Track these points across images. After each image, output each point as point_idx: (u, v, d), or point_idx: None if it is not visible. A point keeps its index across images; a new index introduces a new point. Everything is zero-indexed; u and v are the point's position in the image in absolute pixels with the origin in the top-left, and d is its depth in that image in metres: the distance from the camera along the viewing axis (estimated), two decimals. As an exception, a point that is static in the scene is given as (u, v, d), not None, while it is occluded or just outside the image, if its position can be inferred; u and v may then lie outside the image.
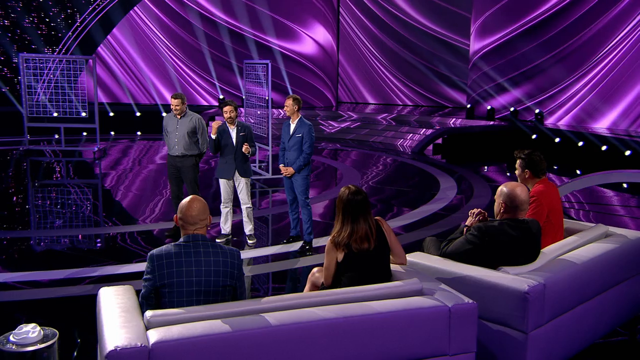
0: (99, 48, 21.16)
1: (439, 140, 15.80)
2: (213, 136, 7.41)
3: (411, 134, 16.94)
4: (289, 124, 7.39)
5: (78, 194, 10.88)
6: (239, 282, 3.68)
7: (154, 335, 3.14)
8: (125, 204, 10.10)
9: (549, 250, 4.50)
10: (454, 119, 18.05)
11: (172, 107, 7.76)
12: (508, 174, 13.85)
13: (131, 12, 21.40)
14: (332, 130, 18.62)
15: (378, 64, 24.31)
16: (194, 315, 3.34)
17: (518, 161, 5.17)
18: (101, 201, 10.38)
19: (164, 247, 3.59)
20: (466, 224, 4.53)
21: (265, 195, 10.77)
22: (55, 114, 15.40)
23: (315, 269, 4.43)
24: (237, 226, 8.01)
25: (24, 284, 6.21)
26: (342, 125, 18.80)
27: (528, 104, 17.75)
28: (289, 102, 7.37)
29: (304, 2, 22.29)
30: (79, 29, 20.59)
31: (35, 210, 9.56)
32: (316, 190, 10.88)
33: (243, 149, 7.38)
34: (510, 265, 4.20)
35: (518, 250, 4.23)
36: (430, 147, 15.77)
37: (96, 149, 14.31)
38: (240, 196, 7.66)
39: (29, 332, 3.43)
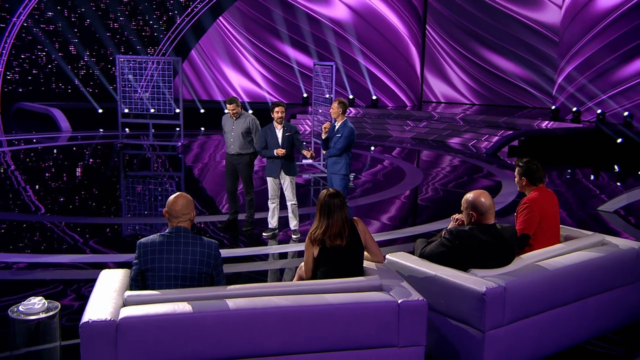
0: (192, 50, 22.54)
1: (515, 142, 15.56)
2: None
3: (488, 135, 16.81)
4: (335, 125, 7.82)
5: (160, 185, 11.84)
6: (215, 271, 4.15)
7: (124, 312, 3.67)
8: (197, 195, 10.98)
9: (528, 256, 4.67)
10: (537, 121, 17.72)
11: (228, 111, 8.34)
12: (592, 177, 13.48)
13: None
14: (407, 129, 18.79)
15: (457, 61, 24.09)
16: (166, 297, 3.85)
17: (516, 169, 5.34)
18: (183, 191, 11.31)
19: (150, 236, 4.12)
20: (447, 228, 4.77)
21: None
22: (152, 110, 16.59)
23: (302, 263, 4.83)
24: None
25: (117, 265, 6.97)
26: (417, 125, 18.90)
27: (616, 107, 17.15)
28: (334, 105, 7.81)
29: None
30: (176, 32, 21.94)
31: (125, 199, 10.61)
32: (377, 190, 11.22)
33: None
34: (482, 268, 4.41)
35: (488, 254, 4.44)
36: (506, 149, 15.57)
37: (180, 144, 15.35)
38: (285, 193, 8.09)
39: (35, 304, 4.07)
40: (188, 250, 4.05)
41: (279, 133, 7.95)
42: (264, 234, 8.19)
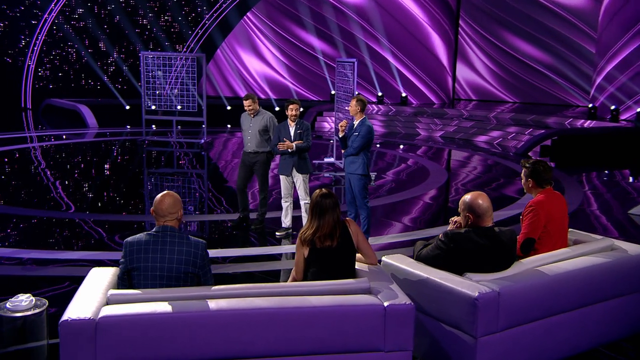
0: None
1: (548, 142, 15.16)
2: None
3: (515, 134, 16.47)
4: (353, 123, 7.66)
5: (182, 182, 11.88)
6: (202, 271, 4.08)
7: (104, 311, 3.63)
8: (221, 192, 11.04)
9: (529, 260, 4.51)
10: (569, 120, 17.30)
11: (245, 107, 8.27)
12: (631, 179, 13.08)
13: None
14: (437, 128, 18.54)
15: (490, 56, 23.58)
16: (149, 296, 3.79)
17: (523, 170, 5.16)
18: (206, 189, 11.34)
19: (137, 235, 4.07)
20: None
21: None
22: (179, 107, 16.66)
23: (296, 264, 4.74)
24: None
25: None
26: (449, 124, 18.63)
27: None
28: (352, 103, 7.63)
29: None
30: (203, 29, 22.05)
31: (148, 196, 10.67)
32: (399, 190, 11.09)
33: (280, 146, 7.73)
34: (479, 272, 4.26)
35: (485, 258, 4.29)
36: (538, 148, 15.17)
37: (202, 141, 15.41)
38: (298, 192, 7.99)
39: (23, 301, 4.06)
40: (174, 250, 3.99)
41: (292, 130, 7.87)
42: (277, 233, 8.08)
